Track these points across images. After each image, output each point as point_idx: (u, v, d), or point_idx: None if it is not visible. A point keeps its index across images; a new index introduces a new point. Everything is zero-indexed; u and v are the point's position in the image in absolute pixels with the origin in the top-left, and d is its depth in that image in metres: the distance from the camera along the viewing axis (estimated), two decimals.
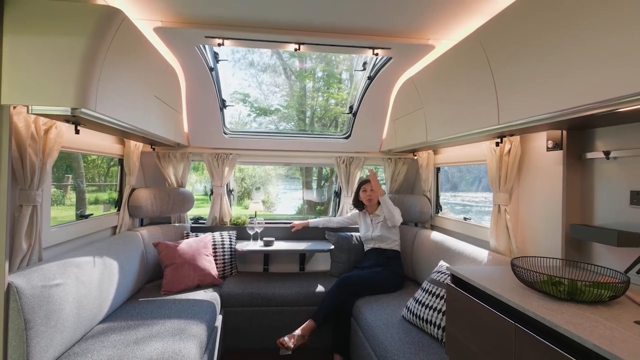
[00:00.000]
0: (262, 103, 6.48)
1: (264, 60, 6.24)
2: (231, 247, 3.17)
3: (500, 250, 2.24)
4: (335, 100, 6.49)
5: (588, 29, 1.23)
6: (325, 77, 6.29)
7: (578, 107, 1.27)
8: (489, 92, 1.77)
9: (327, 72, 6.21)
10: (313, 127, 6.55)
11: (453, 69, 2.14)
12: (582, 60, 1.26)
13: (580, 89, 1.27)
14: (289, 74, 6.22)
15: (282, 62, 6.02)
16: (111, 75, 1.68)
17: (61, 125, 1.84)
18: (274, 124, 6.53)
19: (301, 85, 6.40)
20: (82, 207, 4.78)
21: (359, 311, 2.56)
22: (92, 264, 2.04)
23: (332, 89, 6.47)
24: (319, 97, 6.42)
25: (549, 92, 1.42)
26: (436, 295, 2.12)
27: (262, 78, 6.57)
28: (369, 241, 3.13)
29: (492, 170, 2.30)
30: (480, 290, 1.48)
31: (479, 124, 1.88)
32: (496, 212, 2.27)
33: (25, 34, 1.48)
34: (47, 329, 1.58)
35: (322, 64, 6.00)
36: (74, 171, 4.56)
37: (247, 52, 6.11)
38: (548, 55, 1.41)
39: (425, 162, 3.33)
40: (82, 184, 4.75)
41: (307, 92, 6.49)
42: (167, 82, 2.52)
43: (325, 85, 6.36)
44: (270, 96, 6.73)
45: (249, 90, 6.46)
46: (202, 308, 2.39)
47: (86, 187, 4.79)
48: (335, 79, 6.28)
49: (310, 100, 6.39)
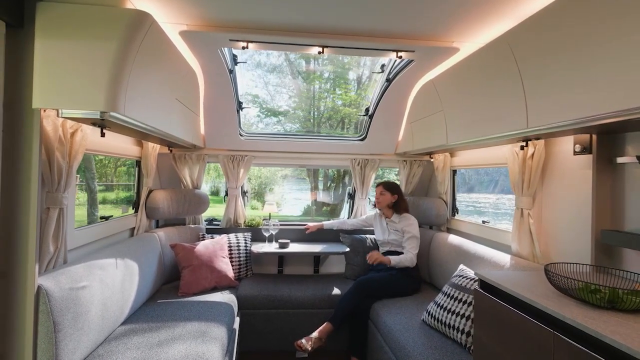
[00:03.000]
0: (269, 104, 6.49)
1: (271, 61, 6.25)
2: (246, 249, 3.17)
3: (523, 255, 2.21)
4: (343, 102, 6.48)
5: (621, 34, 1.21)
6: (333, 78, 6.28)
7: (611, 113, 1.25)
8: (517, 95, 1.75)
9: (335, 74, 6.21)
10: (320, 128, 6.54)
11: (477, 72, 2.12)
12: (616, 65, 1.24)
13: (613, 95, 1.25)
14: (295, 75, 6.22)
15: (289, 63, 6.01)
16: (138, 79, 1.69)
17: (86, 127, 1.85)
18: (281, 125, 6.53)
19: (308, 87, 6.40)
20: (95, 208, 4.82)
21: (377, 314, 2.55)
22: (115, 266, 2.04)
23: (340, 89, 6.46)
24: (327, 98, 6.41)
25: (580, 96, 1.40)
26: (459, 299, 2.10)
27: (269, 79, 6.58)
28: (385, 244, 3.10)
29: (515, 174, 2.27)
30: (508, 295, 1.46)
31: (505, 127, 1.86)
32: (519, 215, 2.24)
33: (56, 38, 1.48)
34: (74, 331, 1.58)
35: (330, 66, 6.00)
36: (87, 171, 4.60)
37: (255, 53, 6.11)
38: (581, 58, 1.39)
39: (442, 165, 3.31)
40: (93, 184, 4.78)
41: (315, 93, 6.48)
42: (187, 84, 2.53)
43: (332, 86, 6.35)
44: (276, 97, 6.74)
45: (256, 91, 6.48)
46: (220, 310, 2.38)
47: (97, 187, 4.82)
48: (343, 80, 6.27)
49: (317, 101, 6.38)
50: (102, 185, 5.36)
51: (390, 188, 3.05)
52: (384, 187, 3.06)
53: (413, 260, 2.84)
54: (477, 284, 1.74)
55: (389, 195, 3.03)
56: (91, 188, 4.84)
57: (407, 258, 2.81)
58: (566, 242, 2.00)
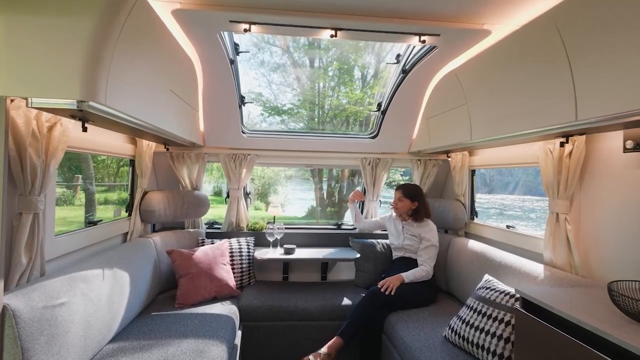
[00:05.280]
0: (273, 103, 6.38)
1: (274, 60, 6.15)
2: (249, 255, 2.94)
3: (558, 265, 1.97)
4: (349, 99, 6.33)
5: None
6: (339, 74, 6.14)
7: None
8: (563, 83, 1.50)
9: (341, 70, 6.05)
10: (324, 127, 6.42)
11: (512, 58, 1.87)
12: None
13: None
14: (299, 74, 6.06)
15: (292, 61, 5.85)
16: (124, 64, 1.46)
17: (67, 122, 1.63)
18: (285, 125, 6.39)
19: (312, 85, 6.26)
20: (91, 210, 4.62)
21: (392, 328, 2.32)
22: (102, 277, 1.82)
23: (346, 87, 6.31)
24: (332, 96, 6.28)
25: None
26: (487, 315, 1.86)
27: (272, 78, 6.49)
28: (398, 250, 2.87)
29: (548, 174, 2.03)
30: (553, 314, 1.23)
31: (546, 121, 1.62)
32: (553, 221, 2.00)
33: (23, 13, 1.26)
34: (49, 357, 1.36)
35: (336, 62, 5.84)
36: (82, 172, 4.40)
37: (258, 52, 6.00)
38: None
39: (460, 164, 3.06)
40: (91, 185, 4.58)
41: (320, 91, 6.36)
42: (183, 74, 2.29)
43: (337, 84, 6.21)
44: (280, 96, 6.62)
45: (260, 90, 6.39)
46: (220, 324, 2.16)
47: (96, 187, 4.61)
48: (349, 77, 6.12)
49: (322, 99, 6.25)
50: (104, 186, 5.18)
51: (411, 194, 2.79)
52: (402, 193, 2.80)
53: (429, 274, 2.62)
54: (517, 303, 1.50)
55: (408, 203, 2.77)
56: (89, 190, 4.64)
57: (423, 274, 2.59)
58: (613, 251, 1.75)
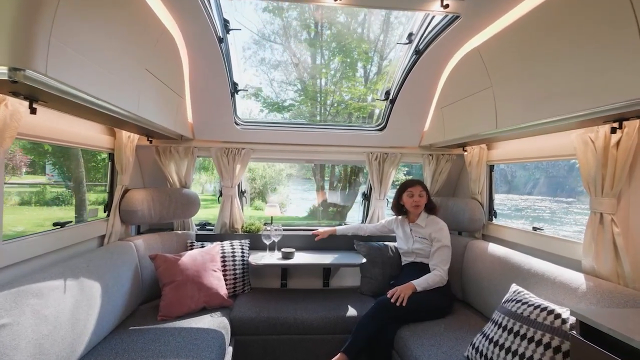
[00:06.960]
0: (274, 99, 6.19)
1: (276, 58, 6.00)
2: (243, 260, 2.65)
3: (602, 274, 1.68)
4: (352, 96, 6.12)
5: None
6: (342, 68, 5.93)
7: None
8: (629, 49, 1.20)
9: (344, 64, 5.84)
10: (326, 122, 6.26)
11: (557, 24, 1.55)
12: None
13: None
14: (301, 71, 5.86)
15: (294, 58, 5.65)
16: (73, 25, 1.17)
17: (16, 103, 1.34)
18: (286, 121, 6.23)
19: (314, 82, 6.07)
20: (82, 210, 4.37)
21: (404, 344, 2.03)
22: (62, 290, 1.53)
23: (350, 82, 6.10)
24: (335, 92, 6.10)
25: None
26: (519, 335, 1.57)
27: (273, 75, 6.36)
28: (408, 254, 2.58)
29: (589, 168, 1.74)
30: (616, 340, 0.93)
31: (602, 99, 1.32)
32: (596, 222, 1.70)
33: None
34: None
35: (339, 55, 5.64)
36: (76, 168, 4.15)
37: (259, 49, 5.86)
38: None
39: (477, 159, 2.75)
40: (82, 184, 4.31)
41: (322, 87, 6.19)
42: (163, 53, 1.99)
43: (340, 79, 6.02)
44: (281, 94, 6.46)
45: (260, 87, 6.21)
46: (207, 341, 1.88)
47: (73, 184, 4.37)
48: (352, 72, 5.93)
49: (324, 96, 6.05)
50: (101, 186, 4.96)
51: (426, 187, 2.61)
52: (422, 187, 2.58)
53: (443, 280, 2.33)
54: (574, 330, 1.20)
55: (426, 196, 2.57)
56: (79, 187, 4.37)
57: (436, 279, 2.30)
58: None
